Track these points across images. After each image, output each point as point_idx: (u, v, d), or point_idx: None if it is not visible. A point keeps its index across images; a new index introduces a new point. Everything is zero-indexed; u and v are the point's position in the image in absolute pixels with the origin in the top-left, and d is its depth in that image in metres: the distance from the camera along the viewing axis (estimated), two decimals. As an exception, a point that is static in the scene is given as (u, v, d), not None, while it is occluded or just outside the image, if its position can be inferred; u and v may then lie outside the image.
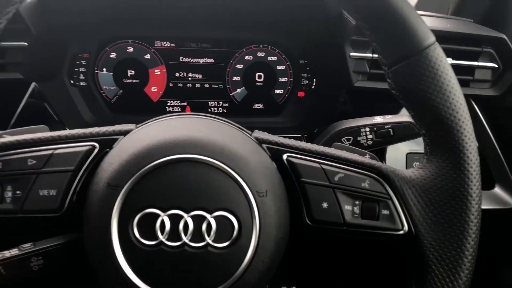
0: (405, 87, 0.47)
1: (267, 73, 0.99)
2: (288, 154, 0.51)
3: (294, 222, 0.51)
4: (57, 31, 0.86)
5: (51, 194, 0.48)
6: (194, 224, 0.45)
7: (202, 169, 0.46)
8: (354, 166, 0.51)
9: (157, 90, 0.98)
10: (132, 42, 0.95)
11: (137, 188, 0.45)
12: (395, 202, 0.50)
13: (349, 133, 0.72)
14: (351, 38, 0.86)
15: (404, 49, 0.46)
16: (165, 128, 0.50)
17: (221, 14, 0.93)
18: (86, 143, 0.49)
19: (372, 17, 0.46)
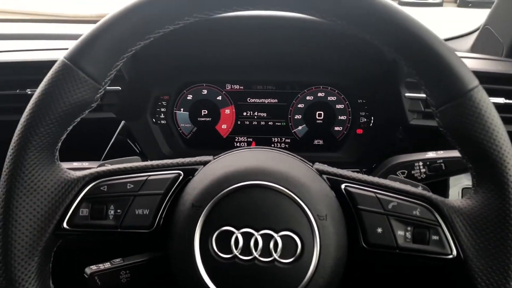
0: (452, 125, 0.51)
1: (327, 111, 1.05)
2: (346, 184, 0.56)
3: (351, 245, 0.55)
4: (144, 77, 1.00)
5: (145, 213, 0.55)
6: (263, 242, 0.51)
7: (270, 194, 0.53)
8: (407, 195, 0.55)
9: (226, 127, 1.08)
10: (206, 85, 1.06)
11: (216, 209, 0.52)
12: (444, 228, 0.53)
13: (403, 167, 0.76)
14: (405, 80, 0.91)
15: (450, 92, 0.50)
16: (239, 159, 0.58)
17: (284, 59, 1.02)
18: (173, 171, 0.57)
19: (420, 64, 0.50)
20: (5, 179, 0.52)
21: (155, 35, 0.52)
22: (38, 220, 0.53)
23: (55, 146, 0.54)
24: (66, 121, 0.53)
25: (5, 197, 0.52)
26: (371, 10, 0.49)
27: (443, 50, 0.50)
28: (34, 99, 0.52)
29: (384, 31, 0.50)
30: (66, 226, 0.54)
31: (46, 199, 0.53)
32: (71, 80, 0.51)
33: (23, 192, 0.52)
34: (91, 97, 0.53)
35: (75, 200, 0.54)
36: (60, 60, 0.51)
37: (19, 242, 0.51)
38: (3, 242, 0.52)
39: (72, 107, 0.52)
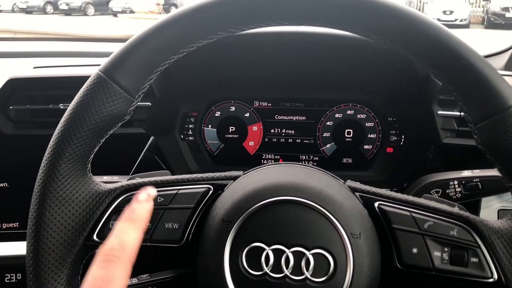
0: (491, 142, 0.49)
1: (356, 129, 1.04)
2: (380, 202, 0.55)
3: (385, 265, 0.53)
4: (174, 93, 1.01)
5: (174, 227, 0.55)
6: (295, 259, 0.50)
7: (302, 210, 0.51)
8: (443, 215, 0.53)
9: (254, 144, 1.08)
10: (234, 102, 1.07)
11: (246, 224, 0.51)
12: (484, 250, 0.50)
13: (438, 185, 0.74)
14: (438, 98, 0.89)
15: (488, 108, 0.48)
16: (269, 174, 0.57)
17: (313, 76, 1.02)
18: (203, 185, 0.57)
19: (458, 79, 0.49)
20: (38, 189, 0.53)
21: (188, 50, 0.53)
22: (69, 232, 0.53)
23: (87, 158, 0.54)
24: (99, 133, 0.53)
25: (38, 207, 0.52)
26: (408, 25, 0.48)
27: (482, 65, 0.48)
28: (69, 110, 0.52)
29: (420, 46, 0.49)
30: (96, 239, 0.54)
31: (78, 210, 0.53)
32: (106, 92, 0.51)
33: (55, 203, 0.52)
34: (124, 110, 0.53)
35: (106, 213, 0.55)
36: (95, 73, 0.52)
37: (49, 253, 0.52)
38: (34, 253, 0.52)
39: (105, 119, 0.52)
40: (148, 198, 0.53)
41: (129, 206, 0.52)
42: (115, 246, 0.46)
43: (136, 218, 0.51)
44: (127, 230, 0.49)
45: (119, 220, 0.50)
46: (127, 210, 0.51)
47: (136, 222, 0.50)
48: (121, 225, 0.49)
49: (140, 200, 0.52)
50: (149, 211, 0.52)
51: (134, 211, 0.51)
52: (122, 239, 0.47)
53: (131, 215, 0.50)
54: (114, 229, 0.49)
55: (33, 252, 0.52)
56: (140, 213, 0.51)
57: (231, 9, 0.50)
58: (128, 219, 0.50)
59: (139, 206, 0.52)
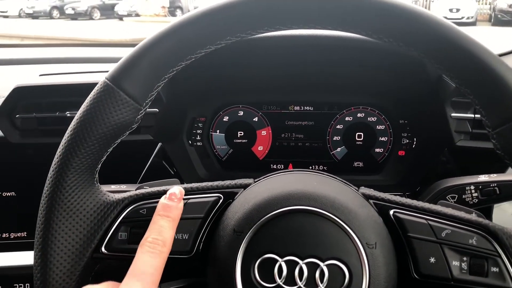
0: (510, 147, 0.48)
1: (367, 132, 1.03)
2: (395, 210, 0.53)
3: (402, 275, 0.52)
4: (181, 99, 1.00)
5: (184, 237, 0.54)
6: (309, 271, 0.48)
7: (316, 219, 0.50)
8: (461, 223, 0.51)
9: (263, 149, 1.06)
10: (242, 107, 1.06)
11: (258, 235, 0.50)
12: (505, 259, 0.49)
13: (453, 191, 0.72)
14: (451, 100, 0.87)
15: (507, 112, 0.46)
16: (281, 183, 0.55)
17: (322, 79, 1.00)
18: (213, 195, 0.56)
19: (475, 83, 0.47)
20: (46, 200, 0.52)
21: (196, 56, 0.51)
22: (77, 244, 0.52)
23: (95, 168, 0.54)
24: (107, 142, 0.52)
25: (45, 219, 0.51)
26: (422, 27, 0.47)
27: (500, 67, 0.46)
28: (75, 120, 0.51)
29: (434, 48, 0.48)
30: (104, 250, 0.53)
31: (85, 222, 0.53)
32: (113, 101, 0.50)
33: (63, 215, 0.51)
34: (132, 118, 0.52)
35: (114, 224, 0.54)
36: (102, 81, 0.51)
37: (57, 266, 0.51)
38: (41, 266, 0.51)
39: (113, 128, 0.51)
40: (181, 196, 0.54)
41: (163, 203, 0.52)
42: (158, 241, 0.49)
43: (173, 217, 0.52)
44: (166, 228, 0.51)
45: (157, 214, 0.52)
46: (163, 206, 0.52)
47: (173, 221, 0.52)
48: (162, 221, 0.51)
49: (174, 198, 0.53)
50: (181, 211, 0.54)
51: (171, 209, 0.52)
52: (164, 236, 0.50)
53: (169, 213, 0.52)
54: (154, 223, 0.51)
55: (40, 265, 0.51)
56: (175, 212, 0.53)
57: (239, 14, 0.49)
58: (166, 216, 0.52)
59: (173, 204, 0.53)
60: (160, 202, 0.53)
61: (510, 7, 11.51)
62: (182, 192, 0.55)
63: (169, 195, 0.53)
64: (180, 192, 0.54)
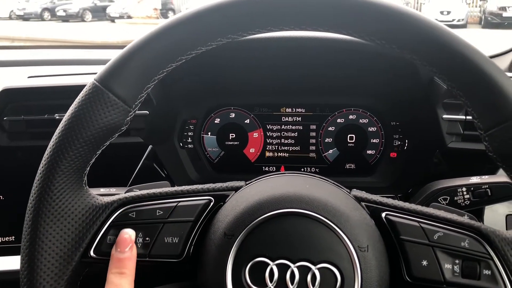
0: (502, 150, 0.47)
1: (359, 134, 1.03)
2: (387, 213, 0.53)
3: (394, 278, 0.51)
4: (172, 101, 0.99)
5: (174, 241, 0.53)
6: (300, 274, 0.48)
7: (307, 222, 0.49)
8: (453, 225, 0.51)
9: (255, 151, 1.06)
10: (234, 109, 1.05)
11: (249, 238, 0.50)
12: (497, 262, 0.49)
13: (445, 192, 0.72)
14: (443, 101, 0.87)
15: (499, 115, 0.46)
16: (272, 185, 0.55)
17: (313, 81, 1.00)
18: (204, 197, 0.55)
19: (467, 85, 0.47)
20: (33, 203, 0.51)
21: (187, 57, 0.51)
22: (65, 248, 0.51)
23: (83, 171, 0.53)
24: (96, 144, 0.51)
25: (32, 222, 0.50)
26: (415, 29, 0.47)
27: (492, 70, 0.46)
28: (64, 122, 0.51)
29: (427, 51, 0.47)
30: (93, 254, 0.52)
31: (74, 225, 0.52)
32: (102, 102, 0.49)
33: (50, 218, 0.50)
34: (121, 120, 0.51)
35: (103, 227, 0.53)
36: (91, 83, 0.50)
37: (44, 270, 0.50)
38: (28, 271, 0.50)
39: (102, 130, 0.50)
40: (132, 243, 0.52)
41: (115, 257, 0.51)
42: None
43: (128, 272, 0.51)
44: (123, 285, 0.50)
45: (110, 273, 0.51)
46: (115, 261, 0.51)
47: (130, 275, 0.51)
48: (117, 280, 0.50)
49: (124, 248, 0.52)
50: (135, 259, 0.52)
51: (123, 263, 0.51)
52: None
53: (122, 269, 0.51)
54: (109, 283, 0.50)
55: (27, 269, 0.50)
56: (130, 265, 0.52)
57: (231, 15, 0.49)
58: (120, 273, 0.51)
59: (126, 256, 0.52)
60: (111, 256, 0.52)
61: (500, 9, 11.63)
62: (133, 235, 0.53)
63: (119, 244, 0.52)
64: (130, 238, 0.52)
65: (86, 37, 8.69)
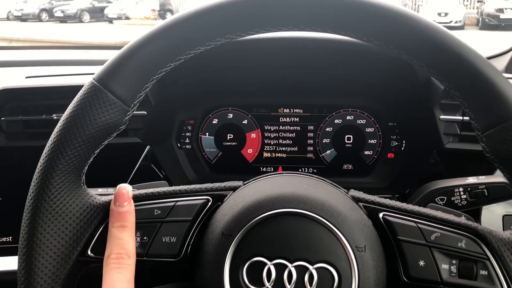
0: (499, 150, 0.47)
1: (356, 135, 1.03)
2: (384, 213, 0.53)
3: (391, 278, 0.52)
4: (170, 101, 0.99)
5: (172, 241, 0.53)
6: (297, 274, 0.48)
7: (305, 222, 0.50)
8: (450, 226, 0.51)
9: (252, 151, 1.06)
10: (232, 109, 1.05)
11: (247, 238, 0.50)
12: (494, 262, 0.49)
13: (442, 193, 0.73)
14: (440, 102, 0.88)
15: (496, 116, 0.46)
16: (270, 185, 0.55)
17: (311, 82, 1.00)
18: (202, 197, 0.55)
19: (464, 86, 0.47)
20: (31, 203, 0.51)
21: (186, 57, 0.51)
22: (63, 247, 0.51)
23: (81, 170, 0.53)
24: (94, 144, 0.51)
25: (30, 222, 0.50)
26: (413, 30, 0.47)
27: (489, 71, 0.46)
28: (62, 121, 0.50)
29: (425, 52, 0.47)
30: (90, 254, 0.52)
31: (71, 224, 0.52)
32: (100, 102, 0.49)
33: (48, 217, 0.50)
34: (120, 120, 0.51)
35: (101, 226, 0.53)
36: (89, 82, 0.50)
37: (42, 269, 0.50)
38: (26, 270, 0.50)
39: (100, 129, 0.50)
40: (129, 196, 0.53)
41: (115, 211, 0.52)
42: (122, 255, 0.49)
43: (129, 225, 0.52)
44: (126, 239, 0.50)
45: (112, 227, 0.51)
46: (116, 214, 0.52)
47: (131, 229, 0.52)
48: (119, 233, 0.51)
49: (123, 202, 0.52)
50: (134, 214, 0.53)
51: (124, 217, 0.52)
52: (126, 247, 0.50)
53: (123, 222, 0.51)
54: (112, 237, 0.50)
55: (25, 268, 0.50)
56: (130, 218, 0.52)
57: (229, 15, 0.49)
58: (122, 226, 0.51)
59: (125, 210, 0.52)
60: (111, 211, 0.52)
61: (497, 11, 11.66)
62: (130, 190, 0.53)
63: (118, 199, 0.52)
64: (127, 193, 0.53)
65: (84, 38, 8.69)
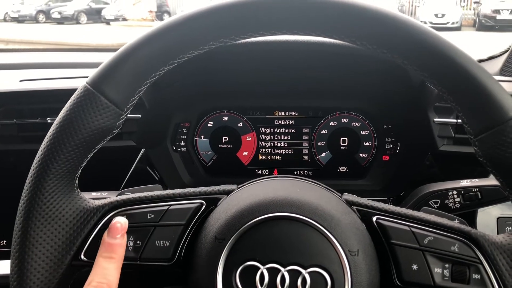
0: (491, 154, 0.47)
1: (351, 137, 1.03)
2: (378, 217, 0.53)
3: (384, 282, 0.52)
4: (165, 104, 0.99)
5: (165, 245, 0.53)
6: (290, 278, 0.48)
7: (298, 226, 0.50)
8: (444, 230, 0.51)
9: (248, 154, 1.06)
10: (227, 112, 1.05)
11: (240, 242, 0.50)
12: (486, 266, 0.49)
13: (436, 196, 0.73)
14: (434, 105, 0.88)
15: (489, 120, 0.46)
16: (264, 189, 0.55)
17: (307, 84, 1.00)
18: (195, 201, 0.55)
19: (457, 90, 0.47)
20: (23, 207, 0.51)
21: (179, 60, 0.51)
22: (55, 251, 0.51)
23: (75, 174, 0.53)
24: (87, 148, 0.51)
25: (22, 226, 0.50)
26: (406, 34, 0.47)
27: (482, 75, 0.46)
28: (55, 125, 0.50)
29: (418, 56, 0.48)
30: (83, 258, 0.52)
31: (64, 228, 0.51)
32: (93, 106, 0.49)
33: (41, 222, 0.50)
34: (113, 124, 0.51)
35: (94, 230, 0.53)
36: (82, 86, 0.50)
37: (34, 274, 0.50)
38: (18, 274, 0.50)
39: (93, 133, 0.50)
40: (124, 230, 0.53)
41: (106, 242, 0.51)
42: (103, 285, 0.48)
43: (117, 257, 0.51)
44: (110, 270, 0.50)
45: (99, 256, 0.51)
46: (106, 245, 0.51)
47: (118, 261, 0.51)
48: (105, 264, 0.50)
49: (116, 234, 0.52)
50: (125, 247, 0.53)
51: (113, 249, 0.51)
52: (108, 279, 0.49)
53: (112, 254, 0.51)
54: (98, 266, 0.50)
55: (17, 273, 0.50)
56: (119, 251, 0.52)
57: (223, 19, 0.49)
58: (110, 257, 0.51)
59: (116, 242, 0.52)
60: (102, 241, 0.52)
61: (494, 12, 11.70)
62: (125, 224, 0.53)
63: (110, 231, 0.52)
64: (122, 226, 0.52)
65: (81, 40, 8.67)
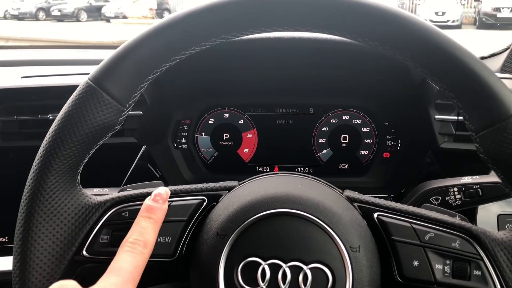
0: (493, 151, 0.47)
1: (352, 135, 1.03)
2: (379, 213, 0.53)
3: (385, 279, 0.52)
4: (166, 101, 0.99)
5: (167, 241, 0.53)
6: (292, 274, 0.48)
7: (300, 223, 0.50)
8: (445, 226, 0.52)
9: (248, 151, 1.06)
10: (228, 109, 1.05)
11: (242, 238, 0.50)
12: (487, 263, 0.49)
13: (437, 192, 0.73)
14: (435, 102, 0.88)
15: (490, 117, 0.46)
16: (265, 185, 0.55)
17: (307, 82, 1.00)
18: (197, 197, 0.55)
19: (458, 86, 0.47)
20: (25, 203, 0.51)
21: (181, 57, 0.51)
22: (57, 247, 0.51)
23: (76, 170, 0.53)
24: (89, 144, 0.51)
25: (24, 222, 0.50)
26: (408, 31, 0.47)
27: (484, 72, 0.46)
28: (57, 120, 0.51)
29: (420, 53, 0.48)
30: (85, 254, 0.52)
31: (66, 224, 0.52)
32: (95, 102, 0.50)
33: (43, 217, 0.50)
34: (115, 120, 0.51)
35: (96, 226, 0.53)
36: (84, 82, 0.50)
37: (37, 269, 0.50)
38: (20, 270, 0.50)
39: (95, 129, 0.50)
40: (166, 197, 0.54)
41: (147, 204, 0.52)
42: (139, 242, 0.49)
43: (156, 219, 0.52)
44: (148, 229, 0.50)
45: (140, 216, 0.51)
46: (147, 207, 0.52)
47: (156, 223, 0.52)
48: (144, 223, 0.51)
49: (159, 199, 0.53)
50: (165, 213, 0.53)
51: (154, 211, 0.52)
52: (145, 237, 0.50)
53: (152, 214, 0.52)
54: (136, 224, 0.50)
55: (19, 268, 0.50)
56: (159, 214, 0.52)
57: (225, 16, 0.49)
58: (149, 217, 0.51)
59: (157, 206, 0.52)
60: (144, 203, 0.52)
61: (495, 10, 11.68)
62: (168, 193, 0.54)
63: (154, 196, 0.53)
64: (166, 193, 0.54)
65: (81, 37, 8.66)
